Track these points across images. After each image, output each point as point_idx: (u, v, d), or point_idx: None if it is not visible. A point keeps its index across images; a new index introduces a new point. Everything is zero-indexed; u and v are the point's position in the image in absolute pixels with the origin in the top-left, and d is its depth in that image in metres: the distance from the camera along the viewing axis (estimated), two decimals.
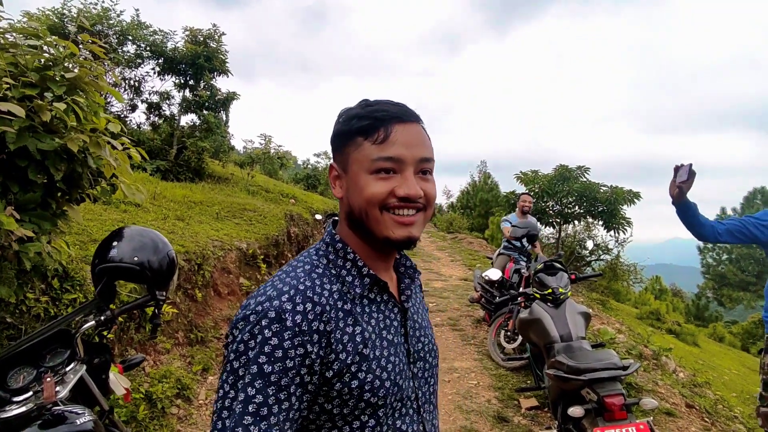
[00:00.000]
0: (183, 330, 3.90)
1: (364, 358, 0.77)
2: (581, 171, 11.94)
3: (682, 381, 4.83)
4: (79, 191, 2.20)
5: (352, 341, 0.77)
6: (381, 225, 0.79)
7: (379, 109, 0.80)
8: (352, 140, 0.80)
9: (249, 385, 0.70)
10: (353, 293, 0.81)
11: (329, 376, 0.75)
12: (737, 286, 26.30)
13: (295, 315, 0.72)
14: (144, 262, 1.64)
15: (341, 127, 0.83)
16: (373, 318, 0.82)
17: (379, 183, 0.77)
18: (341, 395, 0.76)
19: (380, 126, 0.78)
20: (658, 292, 18.18)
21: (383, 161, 0.77)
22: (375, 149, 0.78)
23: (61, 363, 1.59)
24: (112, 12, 9.23)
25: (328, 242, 0.85)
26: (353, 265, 0.83)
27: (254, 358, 0.70)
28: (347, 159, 0.81)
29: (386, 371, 0.79)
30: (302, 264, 0.82)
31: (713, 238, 2.53)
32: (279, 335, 0.71)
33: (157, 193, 6.23)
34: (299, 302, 0.74)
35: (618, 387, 2.31)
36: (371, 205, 0.78)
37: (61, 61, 2.07)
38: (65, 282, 2.74)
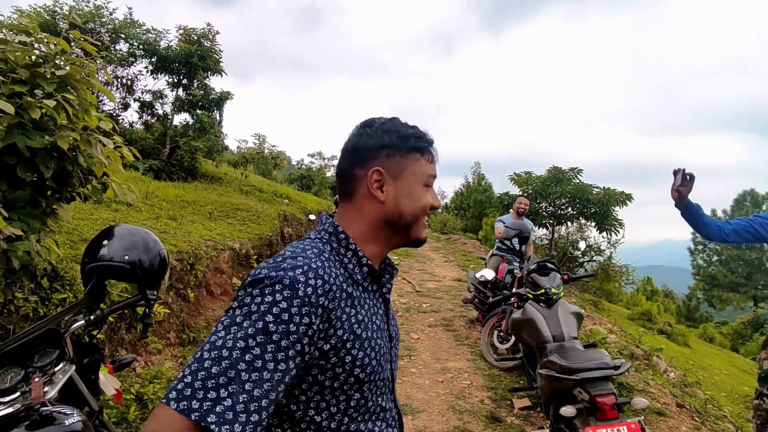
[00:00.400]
0: (175, 330, 3.88)
1: (358, 338, 0.87)
2: (574, 173, 12.01)
3: (672, 381, 4.88)
4: (69, 190, 2.18)
5: (348, 321, 0.86)
6: (419, 227, 0.98)
7: (427, 134, 0.99)
8: (411, 155, 0.95)
9: (250, 337, 0.74)
10: (353, 279, 0.91)
11: (326, 349, 0.82)
12: (727, 287, 26.57)
13: (306, 287, 0.79)
14: (135, 261, 1.63)
15: (397, 141, 0.95)
16: (366, 304, 0.92)
17: (429, 195, 0.97)
18: (335, 368, 0.84)
19: (430, 148, 0.98)
20: (649, 293, 18.32)
21: (432, 178, 0.98)
22: (429, 167, 0.97)
23: (49, 363, 1.56)
24: (105, 10, 9.16)
25: (331, 232, 0.95)
26: (354, 255, 0.93)
27: (262, 315, 0.75)
28: (403, 169, 0.94)
29: (374, 351, 0.90)
30: (311, 248, 0.89)
31: (720, 237, 2.57)
32: (289, 301, 0.77)
33: (150, 193, 6.18)
34: (311, 277, 0.81)
35: (609, 386, 2.32)
36: (424, 211, 0.96)
37: (52, 58, 2.05)
38: (55, 281, 2.71)
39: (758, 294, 25.27)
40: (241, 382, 0.71)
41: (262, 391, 0.72)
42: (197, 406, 0.70)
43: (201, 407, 0.70)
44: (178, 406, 0.70)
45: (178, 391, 0.71)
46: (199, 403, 0.70)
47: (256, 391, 0.72)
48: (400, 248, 1.03)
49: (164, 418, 0.70)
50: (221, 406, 0.70)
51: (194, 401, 0.70)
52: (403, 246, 1.01)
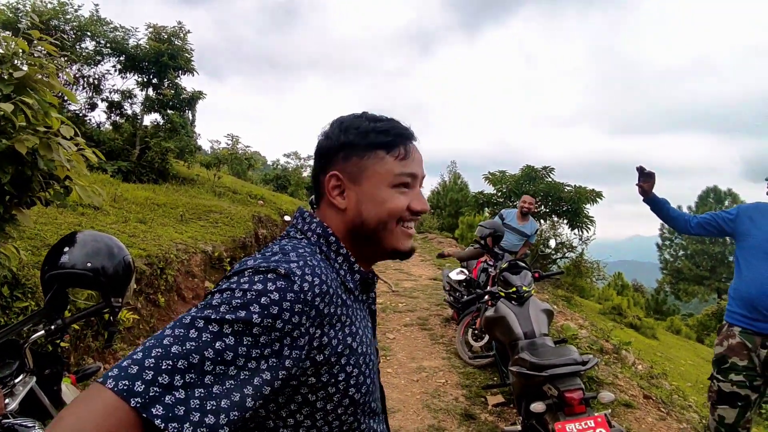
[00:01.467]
0: (144, 336, 3.79)
1: (353, 352, 0.77)
2: (546, 171, 12.25)
3: (640, 373, 5.04)
4: (29, 194, 2.11)
5: (342, 331, 0.76)
6: (393, 236, 0.84)
7: (397, 126, 0.85)
8: (372, 153, 0.83)
9: (227, 323, 0.62)
10: (346, 286, 0.81)
11: (318, 360, 0.71)
12: (692, 281, 27.61)
13: (303, 282, 0.69)
14: (98, 267, 1.59)
15: (354, 139, 0.83)
16: (358, 314, 0.82)
17: (400, 197, 0.83)
18: (327, 388, 0.73)
19: (401, 143, 0.84)
20: (620, 288, 18.84)
21: (405, 176, 0.83)
22: (398, 164, 0.83)
23: (9, 375, 1.52)
24: (69, 6, 8.86)
25: (319, 233, 0.83)
26: (345, 260, 0.83)
27: (246, 303, 0.64)
28: (362, 171, 0.83)
29: (369, 368, 0.80)
30: (301, 247, 0.78)
31: (686, 230, 2.76)
32: (282, 293, 0.66)
33: (118, 195, 6.02)
34: (308, 273, 0.71)
35: (577, 382, 2.38)
36: (392, 217, 0.82)
37: (9, 59, 1.98)
38: (16, 289, 2.62)
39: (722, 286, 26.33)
40: (202, 372, 0.59)
41: (223, 390, 0.59)
42: (141, 389, 0.55)
43: (146, 392, 0.55)
44: (117, 385, 0.54)
45: (121, 368, 0.56)
46: (144, 386, 0.55)
47: (216, 388, 0.59)
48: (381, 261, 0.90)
49: (95, 401, 0.54)
50: (171, 396, 0.56)
51: (138, 383, 0.55)
52: (383, 259, 0.88)
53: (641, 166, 2.69)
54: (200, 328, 0.61)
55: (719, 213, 2.68)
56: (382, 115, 0.88)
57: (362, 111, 0.89)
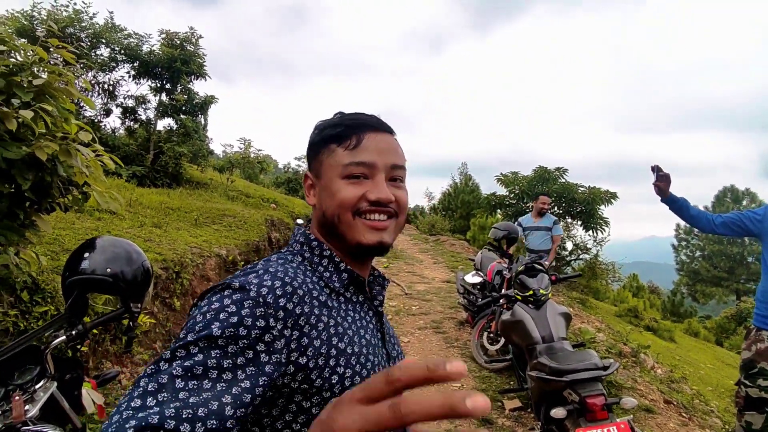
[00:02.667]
0: (161, 340, 3.81)
1: (342, 353, 0.74)
2: (560, 172, 12.13)
3: (660, 377, 4.94)
4: (48, 200, 2.13)
5: (326, 331, 0.74)
6: (353, 230, 0.80)
7: (352, 117, 0.84)
8: (326, 147, 0.83)
9: (192, 343, 0.62)
10: (330, 287, 0.80)
11: (303, 363, 0.69)
12: (710, 282, 27.11)
13: (260, 287, 0.69)
14: (117, 273, 1.59)
15: (315, 137, 0.86)
16: (349, 315, 0.80)
17: (350, 187, 0.79)
18: (321, 393, 0.71)
19: (353, 133, 0.82)
20: (635, 290, 18.56)
21: (355, 166, 0.80)
22: (347, 154, 0.80)
23: (30, 380, 1.52)
24: (85, 14, 9.00)
25: (302, 241, 0.85)
26: (330, 262, 0.82)
27: (207, 322, 0.64)
28: (320, 166, 0.84)
29: (366, 369, 0.77)
30: (275, 259, 0.79)
31: (710, 228, 2.71)
32: (238, 303, 0.66)
33: (133, 200, 6.08)
34: (267, 279, 0.71)
35: (599, 387, 2.33)
36: (344, 208, 0.79)
37: (29, 67, 2.00)
38: (35, 294, 2.65)
39: (740, 288, 25.82)
40: (174, 390, 0.58)
41: (200, 400, 0.58)
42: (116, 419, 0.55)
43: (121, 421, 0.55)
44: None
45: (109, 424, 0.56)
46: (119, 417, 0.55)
47: (192, 399, 0.58)
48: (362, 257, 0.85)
49: None
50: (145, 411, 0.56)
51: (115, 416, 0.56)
52: (358, 255, 0.84)
53: (656, 166, 2.63)
54: (168, 359, 0.62)
55: (745, 213, 2.61)
56: (357, 112, 0.87)
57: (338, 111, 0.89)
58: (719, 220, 2.65)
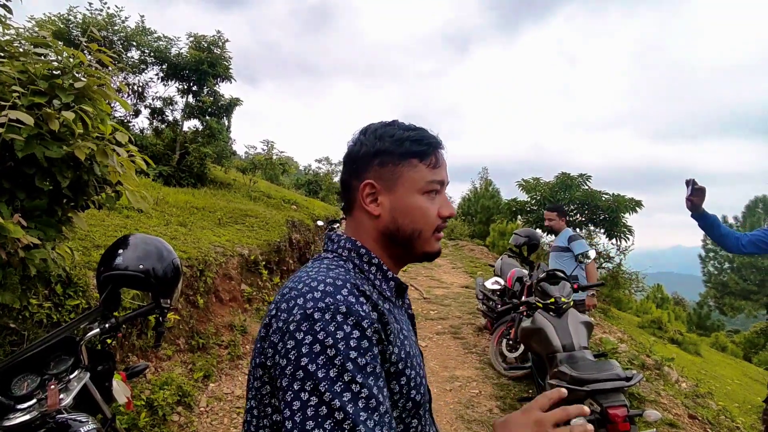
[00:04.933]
0: (184, 336, 3.90)
1: (408, 356, 0.80)
2: (583, 179, 11.92)
3: (684, 391, 4.81)
4: (84, 198, 2.22)
5: (398, 337, 0.79)
6: (428, 243, 0.87)
7: (428, 136, 0.88)
8: (407, 161, 0.86)
9: (350, 382, 0.66)
10: (384, 295, 0.84)
11: (389, 369, 0.75)
12: (739, 295, 26.18)
13: (362, 305, 0.73)
14: (149, 269, 1.65)
15: (390, 147, 0.86)
16: (402, 320, 0.86)
17: (430, 203, 0.86)
18: (393, 395, 0.76)
19: (432, 151, 0.87)
20: (659, 301, 18.11)
21: (436, 184, 0.87)
22: (429, 172, 0.86)
23: (65, 370, 1.59)
24: (117, 18, 9.30)
25: (350, 248, 0.87)
26: (378, 270, 0.86)
27: (344, 354, 0.67)
28: (398, 178, 0.86)
29: (422, 369, 0.84)
30: (335, 266, 0.82)
31: (736, 248, 2.63)
32: (358, 327, 0.70)
33: (160, 199, 6.24)
34: (359, 294, 0.75)
35: (621, 398, 2.30)
36: (429, 226, 0.86)
37: (70, 70, 2.09)
38: (68, 288, 2.75)
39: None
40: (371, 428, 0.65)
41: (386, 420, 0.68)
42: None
43: None
44: None
45: None
46: None
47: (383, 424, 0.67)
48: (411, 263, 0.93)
49: None
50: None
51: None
52: (414, 261, 0.91)
53: (692, 179, 2.57)
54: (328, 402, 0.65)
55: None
56: (411, 123, 0.91)
57: (392, 119, 0.92)
58: (746, 240, 2.58)
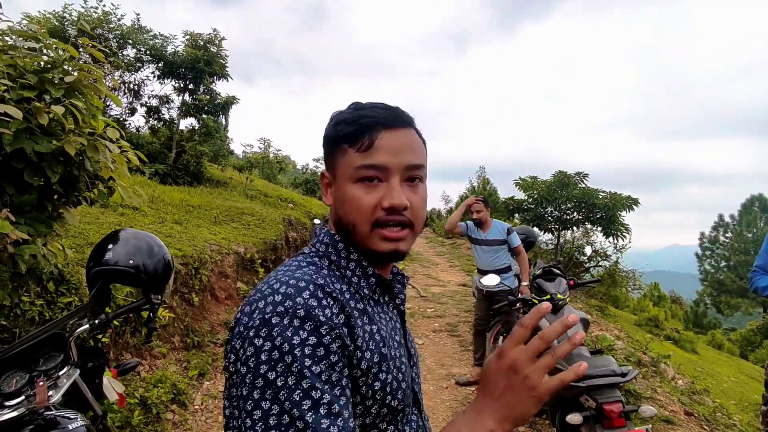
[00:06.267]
0: (179, 334, 3.88)
1: (384, 358, 0.74)
2: (580, 177, 11.94)
3: (680, 388, 4.82)
4: (75, 194, 2.20)
5: (372, 339, 0.73)
6: (368, 240, 0.76)
7: (367, 115, 0.77)
8: (339, 147, 0.78)
9: (309, 389, 0.62)
10: (361, 293, 0.78)
11: (357, 375, 0.70)
12: (735, 293, 26.30)
13: (324, 309, 0.67)
14: (139, 265, 1.63)
15: (329, 133, 0.80)
16: (382, 319, 0.79)
17: (365, 194, 0.75)
18: (365, 401, 0.71)
19: (365, 133, 0.75)
20: (656, 299, 18.15)
21: (366, 169, 0.74)
22: (359, 157, 0.75)
23: (54, 367, 1.57)
24: (113, 16, 9.26)
25: (327, 243, 0.81)
26: (357, 265, 0.79)
27: (297, 361, 0.63)
28: (335, 166, 0.79)
29: (401, 372, 0.77)
30: (306, 264, 0.77)
31: None
32: (315, 332, 0.65)
33: (156, 197, 6.21)
34: (322, 296, 0.69)
35: (617, 394, 2.29)
36: (361, 219, 0.75)
37: (60, 64, 2.07)
38: (61, 285, 2.73)
39: None
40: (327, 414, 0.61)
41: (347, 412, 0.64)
42: None
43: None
44: None
45: None
46: None
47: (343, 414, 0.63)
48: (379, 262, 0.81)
49: None
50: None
51: None
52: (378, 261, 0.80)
53: None
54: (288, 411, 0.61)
55: None
56: (374, 102, 0.80)
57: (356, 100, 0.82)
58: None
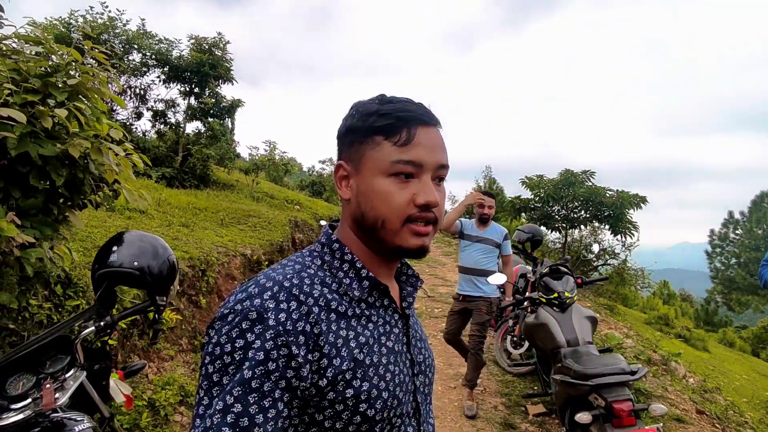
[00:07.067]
0: (187, 336, 3.89)
1: (359, 364, 0.71)
2: (586, 175, 11.88)
3: (692, 386, 4.76)
4: (80, 197, 2.20)
5: (346, 345, 0.70)
6: (397, 236, 0.74)
7: (403, 108, 0.75)
8: (370, 138, 0.75)
9: (227, 393, 0.63)
10: (350, 295, 0.75)
11: (323, 384, 0.68)
12: (746, 290, 25.97)
13: (278, 313, 0.66)
14: (144, 267, 1.63)
15: (357, 123, 0.77)
16: (371, 322, 0.76)
17: (399, 189, 0.73)
18: (334, 406, 0.68)
19: (403, 126, 0.74)
20: (666, 297, 17.98)
21: (404, 164, 0.73)
22: (396, 151, 0.73)
23: (60, 369, 1.57)
24: (118, 21, 9.33)
25: (324, 243, 0.80)
26: (351, 267, 0.77)
27: (234, 363, 0.64)
28: (362, 158, 0.75)
29: (384, 380, 0.73)
30: (292, 263, 0.76)
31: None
32: (261, 337, 0.64)
33: (162, 200, 6.25)
34: (283, 300, 0.67)
35: (626, 392, 2.27)
36: (393, 215, 0.73)
37: (64, 68, 2.08)
38: (68, 288, 2.74)
39: None
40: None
41: None
42: None
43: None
44: None
45: None
46: None
47: None
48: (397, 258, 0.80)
49: None
50: None
51: None
52: (391, 256, 0.78)
53: None
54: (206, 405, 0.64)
55: None
56: (402, 97, 0.78)
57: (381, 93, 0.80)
58: None
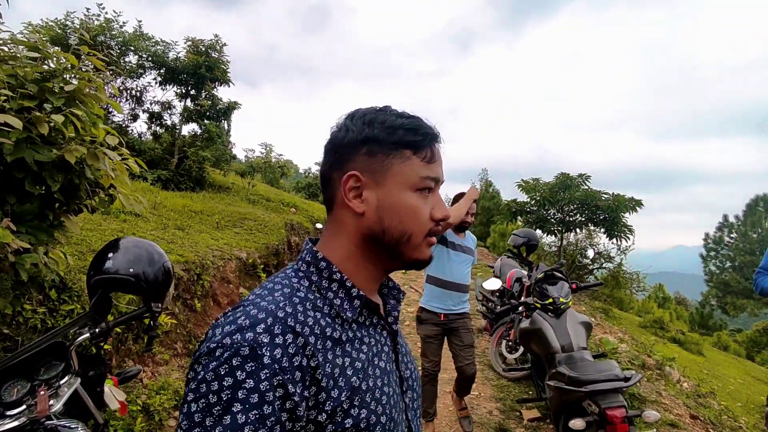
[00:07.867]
0: (182, 341, 3.88)
1: (356, 391, 0.68)
2: (582, 179, 11.94)
3: (686, 391, 4.78)
4: (76, 202, 2.20)
5: (343, 375, 0.67)
6: (418, 248, 0.76)
7: (425, 126, 0.77)
8: (399, 152, 0.74)
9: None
10: (342, 317, 0.72)
11: (322, 419, 0.64)
12: (741, 294, 26.10)
13: (274, 349, 0.61)
14: (139, 273, 1.64)
15: (380, 135, 0.75)
16: (364, 344, 0.73)
17: (422, 203, 0.75)
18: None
19: (428, 144, 0.76)
20: (661, 300, 18.06)
21: (430, 181, 0.76)
22: (424, 167, 0.75)
23: (55, 376, 1.57)
24: (115, 23, 9.31)
25: (309, 261, 0.76)
26: (340, 287, 0.74)
27: (225, 405, 0.59)
28: (387, 170, 0.74)
29: (381, 404, 0.70)
30: (280, 287, 0.71)
31: None
32: (254, 375, 0.59)
33: (158, 203, 6.23)
34: (278, 333, 0.63)
35: (620, 399, 2.28)
36: (421, 229, 0.75)
37: (61, 73, 2.08)
38: (63, 293, 2.73)
39: None
40: None
41: None
42: None
43: None
44: None
45: None
46: None
47: None
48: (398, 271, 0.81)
49: None
50: None
51: None
52: (400, 269, 0.79)
53: None
54: None
55: None
56: (404, 111, 0.79)
57: (384, 105, 0.80)
58: None
